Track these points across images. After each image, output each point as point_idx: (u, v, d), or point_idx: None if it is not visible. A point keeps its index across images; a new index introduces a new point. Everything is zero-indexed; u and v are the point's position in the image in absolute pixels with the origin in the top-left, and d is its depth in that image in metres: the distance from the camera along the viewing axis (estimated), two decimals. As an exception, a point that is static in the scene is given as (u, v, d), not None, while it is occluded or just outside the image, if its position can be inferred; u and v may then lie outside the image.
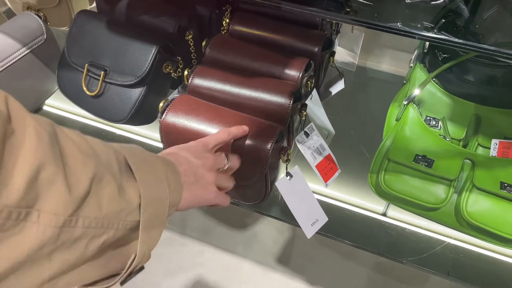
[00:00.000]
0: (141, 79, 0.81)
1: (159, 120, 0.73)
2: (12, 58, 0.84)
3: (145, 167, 0.42)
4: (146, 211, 0.40)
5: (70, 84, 0.88)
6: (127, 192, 0.39)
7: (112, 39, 0.84)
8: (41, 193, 0.31)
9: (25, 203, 0.30)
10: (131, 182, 0.39)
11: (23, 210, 0.30)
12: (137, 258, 0.41)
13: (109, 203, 0.36)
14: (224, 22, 0.89)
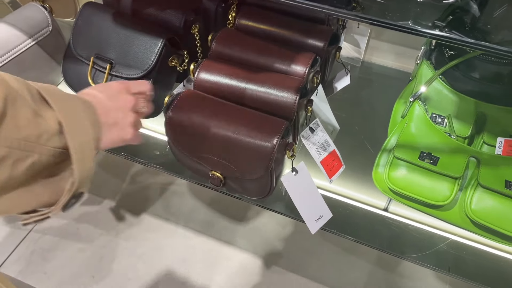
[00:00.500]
0: (147, 72, 0.81)
1: (165, 114, 0.73)
2: (17, 50, 0.83)
3: (61, 100, 0.44)
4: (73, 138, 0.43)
5: (75, 76, 0.88)
6: (44, 117, 0.41)
7: (118, 32, 0.83)
8: None
9: None
10: (47, 110, 0.42)
11: None
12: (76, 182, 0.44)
13: (26, 125, 0.39)
14: (230, 16, 0.89)
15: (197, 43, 0.90)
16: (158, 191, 1.48)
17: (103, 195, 1.46)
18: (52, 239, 1.35)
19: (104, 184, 1.49)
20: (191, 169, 0.79)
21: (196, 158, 0.74)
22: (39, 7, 0.87)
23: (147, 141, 0.92)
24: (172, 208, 1.43)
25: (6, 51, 0.82)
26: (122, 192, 1.47)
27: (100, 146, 0.51)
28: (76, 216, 1.40)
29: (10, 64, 0.83)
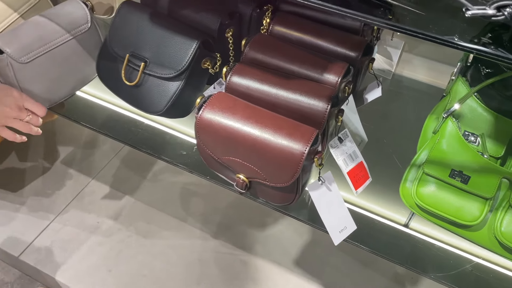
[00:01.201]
0: (180, 73, 0.82)
1: (196, 115, 0.73)
2: (54, 43, 0.85)
3: None
4: None
5: (110, 73, 0.89)
6: None
7: (154, 31, 0.85)
8: None
9: None
10: None
11: None
12: None
13: None
14: (265, 22, 0.89)
15: (229, 46, 0.90)
16: (179, 190, 1.49)
17: (124, 191, 1.48)
18: (72, 230, 1.37)
19: (126, 181, 1.51)
20: (217, 171, 0.80)
21: (224, 160, 0.74)
22: (80, 4, 0.89)
23: (174, 141, 0.93)
24: (191, 209, 1.44)
25: (43, 44, 0.84)
26: (143, 189, 1.49)
27: None
28: (97, 210, 1.42)
29: (45, 56, 0.85)
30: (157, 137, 0.94)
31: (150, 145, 0.96)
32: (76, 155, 1.59)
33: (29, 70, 0.83)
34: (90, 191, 1.48)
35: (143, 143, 0.93)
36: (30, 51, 0.82)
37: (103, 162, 1.57)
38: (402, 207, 0.80)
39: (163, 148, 0.95)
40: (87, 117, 1.04)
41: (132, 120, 1.04)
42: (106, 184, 1.50)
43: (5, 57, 0.79)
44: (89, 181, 1.51)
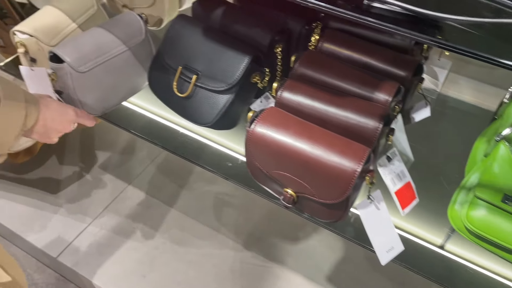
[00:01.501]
0: (231, 86, 0.83)
1: (247, 129, 0.75)
2: (111, 54, 0.89)
3: (9, 85, 0.59)
4: (2, 111, 0.56)
5: (161, 84, 0.92)
6: None
7: (207, 45, 0.87)
8: None
9: None
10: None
11: None
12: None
13: None
14: (313, 38, 0.90)
15: (277, 61, 0.92)
16: (212, 200, 1.51)
17: (159, 198, 1.50)
18: (109, 234, 1.40)
19: (161, 188, 1.54)
20: (264, 184, 0.81)
21: (273, 174, 0.75)
22: (136, 16, 0.92)
23: (220, 153, 0.94)
24: (224, 219, 1.45)
25: (101, 54, 0.87)
26: (178, 197, 1.51)
27: (27, 133, 0.68)
28: (133, 216, 1.45)
29: (103, 66, 0.88)
30: (203, 148, 0.95)
31: (199, 157, 0.97)
32: (113, 161, 1.63)
33: (86, 79, 0.86)
34: (127, 197, 1.51)
35: (186, 152, 0.95)
36: (89, 61, 0.85)
37: (139, 169, 1.60)
38: (443, 228, 0.79)
39: (209, 160, 0.96)
40: (126, 122, 1.06)
41: (164, 126, 1.07)
42: (142, 190, 1.53)
43: (66, 66, 0.82)
44: (126, 187, 1.54)
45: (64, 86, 0.86)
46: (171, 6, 1.15)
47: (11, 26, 1.33)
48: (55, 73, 0.84)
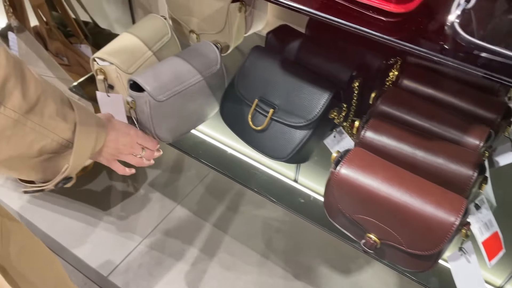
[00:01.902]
0: (310, 122, 0.82)
1: (332, 170, 0.72)
2: (188, 83, 0.88)
3: (83, 110, 0.62)
4: (79, 138, 0.59)
5: (234, 115, 0.91)
6: (65, 115, 0.58)
7: (284, 78, 0.86)
8: (6, 95, 0.50)
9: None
10: (70, 112, 0.59)
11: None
12: (69, 168, 0.60)
13: (49, 116, 0.55)
14: (392, 74, 0.88)
15: (353, 96, 0.89)
16: (261, 225, 1.49)
17: (208, 220, 1.49)
18: (158, 255, 1.40)
19: (210, 209, 1.53)
20: (342, 226, 0.78)
21: (355, 218, 0.73)
22: (213, 46, 0.92)
23: (291, 189, 0.92)
24: (273, 245, 1.43)
25: (178, 83, 0.87)
26: (226, 219, 1.50)
27: (94, 156, 0.69)
28: (182, 237, 1.44)
29: (179, 95, 0.88)
30: (276, 184, 0.94)
31: (267, 188, 0.95)
32: (162, 178, 1.63)
33: (163, 107, 0.86)
34: (176, 217, 1.51)
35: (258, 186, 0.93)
36: (167, 90, 0.85)
37: (188, 188, 1.60)
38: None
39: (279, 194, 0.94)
40: (177, 140, 1.05)
41: (216, 147, 1.05)
42: (191, 211, 1.53)
43: (145, 94, 0.82)
44: (175, 206, 1.54)
45: (140, 114, 0.86)
46: (238, 32, 1.15)
47: (75, 45, 1.36)
48: (134, 101, 0.84)
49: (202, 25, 1.12)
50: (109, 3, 1.61)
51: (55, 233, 1.43)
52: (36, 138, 0.55)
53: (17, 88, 0.51)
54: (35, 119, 0.54)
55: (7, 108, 0.50)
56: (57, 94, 0.59)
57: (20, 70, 0.53)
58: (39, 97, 0.54)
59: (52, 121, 0.56)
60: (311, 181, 0.96)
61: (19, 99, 0.51)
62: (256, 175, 1.01)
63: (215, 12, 1.08)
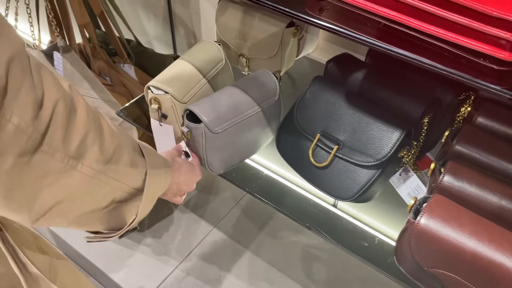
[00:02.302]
0: (379, 162, 0.76)
1: (411, 220, 0.67)
2: (245, 115, 0.84)
3: (152, 156, 0.59)
4: (149, 187, 0.55)
5: (292, 148, 0.86)
6: (137, 164, 0.54)
7: (349, 112, 0.80)
8: (85, 151, 0.46)
9: (76, 156, 0.45)
10: (141, 161, 0.55)
11: (75, 161, 0.45)
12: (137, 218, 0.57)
13: (123, 168, 0.51)
14: (463, 109, 0.82)
15: (422, 133, 0.84)
16: (300, 252, 1.43)
17: (245, 245, 1.44)
18: (195, 281, 1.35)
19: (247, 233, 1.48)
20: (417, 279, 0.72)
21: (435, 272, 0.66)
22: (272, 76, 0.87)
23: (353, 228, 0.86)
24: (314, 275, 1.37)
25: (236, 115, 0.83)
26: (264, 245, 1.44)
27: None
28: (218, 262, 1.40)
29: (235, 127, 0.84)
30: (335, 223, 0.88)
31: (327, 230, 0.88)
32: (198, 200, 1.59)
33: (218, 139, 0.81)
34: (212, 241, 1.46)
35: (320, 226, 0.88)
36: (224, 122, 0.81)
37: (224, 210, 1.56)
38: None
39: (339, 235, 0.87)
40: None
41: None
42: (227, 234, 1.48)
43: (202, 126, 0.78)
44: (211, 230, 1.50)
45: (195, 144, 0.82)
46: (290, 57, 1.10)
47: (118, 64, 1.33)
48: (190, 132, 0.80)
49: (254, 50, 1.08)
50: (149, 19, 1.59)
51: (91, 256, 1.40)
52: (108, 192, 0.51)
53: (95, 144, 0.47)
54: (110, 173, 0.50)
55: (84, 165, 0.46)
56: (129, 142, 0.56)
57: (98, 122, 0.49)
58: (115, 149, 0.50)
59: (126, 173, 0.52)
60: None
61: (96, 155, 0.48)
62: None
63: (269, 36, 1.03)
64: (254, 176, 0.99)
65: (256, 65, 1.11)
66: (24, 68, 0.40)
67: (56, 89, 0.43)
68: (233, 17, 1.07)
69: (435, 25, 0.58)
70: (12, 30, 0.39)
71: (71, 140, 0.44)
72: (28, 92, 0.40)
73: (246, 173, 0.99)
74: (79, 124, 0.45)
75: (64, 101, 0.43)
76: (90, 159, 0.47)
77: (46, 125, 0.41)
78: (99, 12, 1.21)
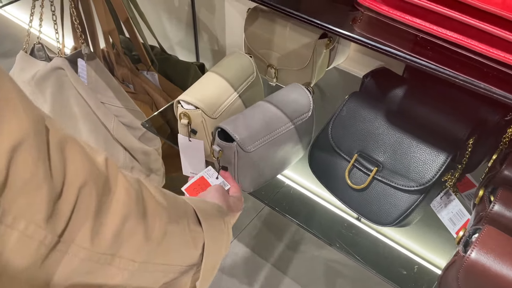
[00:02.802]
0: (423, 187, 0.71)
1: (461, 254, 0.62)
2: (278, 132, 0.80)
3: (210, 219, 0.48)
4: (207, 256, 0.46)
5: (326, 168, 0.82)
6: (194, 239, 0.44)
7: (389, 132, 0.76)
8: (124, 241, 0.36)
9: (110, 251, 0.35)
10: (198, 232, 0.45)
11: (109, 256, 0.35)
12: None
13: (176, 251, 0.42)
14: (510, 130, 0.77)
15: (466, 155, 0.79)
16: (323, 267, 1.39)
17: (266, 258, 1.41)
18: (215, 295, 1.32)
19: (268, 246, 1.44)
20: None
21: (485, 310, 0.62)
22: (305, 91, 0.83)
23: (391, 253, 0.82)
24: (338, 292, 1.33)
25: (268, 133, 0.79)
26: (285, 259, 1.40)
27: None
28: (239, 275, 1.36)
29: (266, 145, 0.80)
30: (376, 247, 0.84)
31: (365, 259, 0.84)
32: (217, 209, 1.56)
33: (250, 158, 0.78)
34: (232, 253, 1.43)
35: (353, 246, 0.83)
36: (257, 140, 0.77)
37: (244, 221, 1.52)
38: None
39: (376, 261, 0.83)
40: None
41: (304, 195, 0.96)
42: (248, 246, 1.44)
43: (235, 145, 0.75)
44: (232, 240, 1.46)
45: (225, 163, 0.79)
46: (321, 68, 1.06)
47: (142, 72, 1.30)
48: (222, 151, 0.76)
49: (283, 61, 1.04)
50: (172, 24, 1.56)
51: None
52: (157, 278, 0.42)
53: (138, 231, 0.37)
54: (159, 259, 0.40)
55: (123, 259, 0.36)
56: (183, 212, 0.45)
57: (142, 202, 0.38)
58: (164, 232, 0.40)
59: (179, 254, 0.43)
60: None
61: (139, 244, 0.37)
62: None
63: (300, 47, 0.99)
64: (275, 187, 0.95)
65: (285, 76, 1.08)
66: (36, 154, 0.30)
67: (84, 169, 0.33)
68: (263, 27, 1.03)
69: (480, 41, 0.53)
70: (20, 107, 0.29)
71: (102, 233, 0.34)
72: (40, 184, 0.30)
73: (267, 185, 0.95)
74: (114, 211, 0.35)
75: (94, 184, 0.34)
76: (130, 251, 0.37)
77: (65, 221, 0.32)
78: (124, 19, 1.18)
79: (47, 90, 1.10)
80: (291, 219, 0.87)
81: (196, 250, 0.45)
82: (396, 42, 0.57)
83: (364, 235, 0.85)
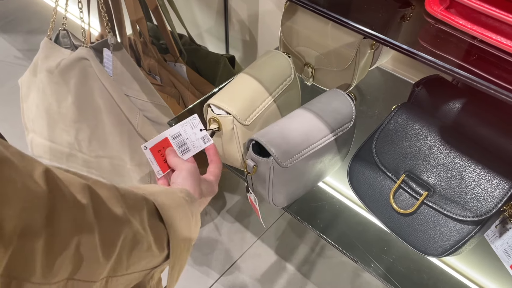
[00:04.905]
0: (480, 219, 0.63)
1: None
2: (317, 145, 0.73)
3: (170, 210, 0.45)
4: (172, 254, 0.44)
5: (368, 186, 0.74)
6: (156, 243, 0.42)
7: (443, 152, 0.68)
8: (80, 264, 0.34)
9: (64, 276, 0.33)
10: (160, 228, 0.43)
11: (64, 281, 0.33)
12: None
13: (138, 260, 0.40)
14: None
15: (527, 180, 0.70)
16: (350, 274, 1.32)
17: (290, 261, 1.35)
18: (236, 298, 1.28)
19: (292, 249, 1.38)
20: None
21: None
22: (347, 98, 0.75)
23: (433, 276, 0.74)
24: (365, 303, 1.26)
25: (307, 146, 0.72)
26: (310, 263, 1.34)
27: None
28: (262, 279, 1.31)
29: (304, 159, 0.73)
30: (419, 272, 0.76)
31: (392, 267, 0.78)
32: (240, 207, 1.50)
33: (286, 173, 0.71)
34: (255, 253, 1.38)
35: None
36: (295, 154, 0.70)
37: (269, 221, 1.46)
38: None
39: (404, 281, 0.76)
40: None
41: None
42: (272, 248, 1.39)
43: (271, 160, 0.68)
44: (255, 241, 1.41)
45: (261, 178, 0.72)
46: (363, 69, 0.97)
47: (169, 63, 1.24)
48: (257, 166, 0.69)
49: (323, 60, 0.95)
50: (202, 11, 1.49)
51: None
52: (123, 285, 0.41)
53: (93, 251, 0.35)
54: (120, 272, 0.39)
55: (80, 282, 0.34)
56: (138, 212, 0.41)
57: (93, 214, 0.35)
58: (119, 244, 0.38)
59: (141, 261, 0.41)
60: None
61: (97, 262, 0.36)
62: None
63: (342, 47, 0.91)
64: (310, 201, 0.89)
65: (323, 76, 0.99)
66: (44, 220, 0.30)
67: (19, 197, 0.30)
68: (301, 22, 0.94)
69: None
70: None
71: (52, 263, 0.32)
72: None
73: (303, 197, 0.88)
74: (65, 232, 0.32)
75: (32, 210, 0.30)
76: (87, 272, 0.34)
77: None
78: (153, 7, 1.11)
79: (71, 81, 1.05)
80: (326, 239, 0.80)
81: (160, 252, 0.43)
82: (454, 53, 0.49)
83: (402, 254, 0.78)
